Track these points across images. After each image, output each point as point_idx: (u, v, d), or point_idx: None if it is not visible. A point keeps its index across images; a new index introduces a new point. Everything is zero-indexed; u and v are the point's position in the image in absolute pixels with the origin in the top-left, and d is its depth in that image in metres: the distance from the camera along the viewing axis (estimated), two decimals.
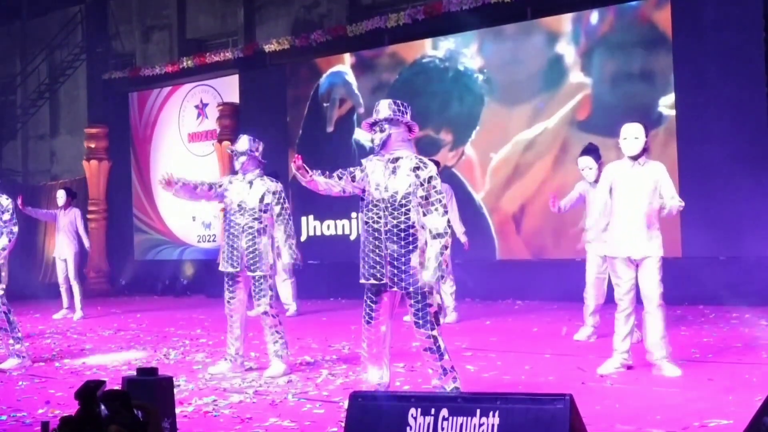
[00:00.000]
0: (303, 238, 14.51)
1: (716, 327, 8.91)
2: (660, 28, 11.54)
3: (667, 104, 11.43)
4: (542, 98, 12.49)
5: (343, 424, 4.23)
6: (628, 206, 6.50)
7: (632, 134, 6.51)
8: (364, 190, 5.70)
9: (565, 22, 12.34)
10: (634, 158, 6.52)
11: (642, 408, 5.40)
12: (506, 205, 12.77)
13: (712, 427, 4.83)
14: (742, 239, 10.68)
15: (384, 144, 5.62)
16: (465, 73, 13.20)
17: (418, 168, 5.53)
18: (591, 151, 8.38)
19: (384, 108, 5.61)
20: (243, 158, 7.34)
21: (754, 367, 6.59)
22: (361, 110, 14.26)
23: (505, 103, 12.82)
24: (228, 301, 7.41)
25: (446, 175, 11.87)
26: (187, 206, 16.88)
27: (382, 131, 5.60)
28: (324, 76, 14.78)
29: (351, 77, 14.45)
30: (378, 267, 5.56)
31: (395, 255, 5.51)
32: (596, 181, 7.83)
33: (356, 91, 14.36)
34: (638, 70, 11.75)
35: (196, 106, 16.97)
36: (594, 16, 12.16)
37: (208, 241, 16.57)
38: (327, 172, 5.78)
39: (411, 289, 5.50)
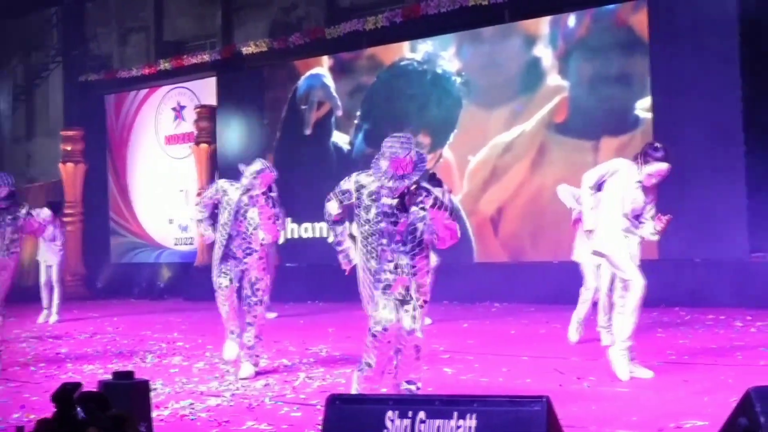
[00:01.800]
0: (280, 241, 14.45)
1: (692, 329, 8.97)
2: (637, 31, 11.60)
3: (643, 107, 11.49)
4: (520, 101, 12.53)
5: (320, 427, 4.21)
6: (626, 217, 6.47)
7: (664, 177, 6.44)
8: (359, 204, 5.50)
9: (543, 25, 12.39)
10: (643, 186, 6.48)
11: (618, 409, 5.43)
12: (484, 208, 12.79)
13: (688, 428, 4.86)
14: (717, 242, 10.75)
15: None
16: (443, 75, 13.22)
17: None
18: None
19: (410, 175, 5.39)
20: None
21: (730, 369, 6.63)
22: (339, 113, 14.25)
23: (482, 105, 12.85)
24: None
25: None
26: (164, 209, 16.85)
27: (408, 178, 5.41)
28: (302, 78, 14.76)
29: (329, 80, 14.44)
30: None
31: (410, 263, 5.41)
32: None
33: (334, 94, 14.34)
34: (615, 73, 11.81)
35: (174, 109, 16.91)
36: (571, 20, 12.21)
37: (185, 244, 16.50)
38: (340, 220, 5.63)
39: (426, 298, 5.46)
